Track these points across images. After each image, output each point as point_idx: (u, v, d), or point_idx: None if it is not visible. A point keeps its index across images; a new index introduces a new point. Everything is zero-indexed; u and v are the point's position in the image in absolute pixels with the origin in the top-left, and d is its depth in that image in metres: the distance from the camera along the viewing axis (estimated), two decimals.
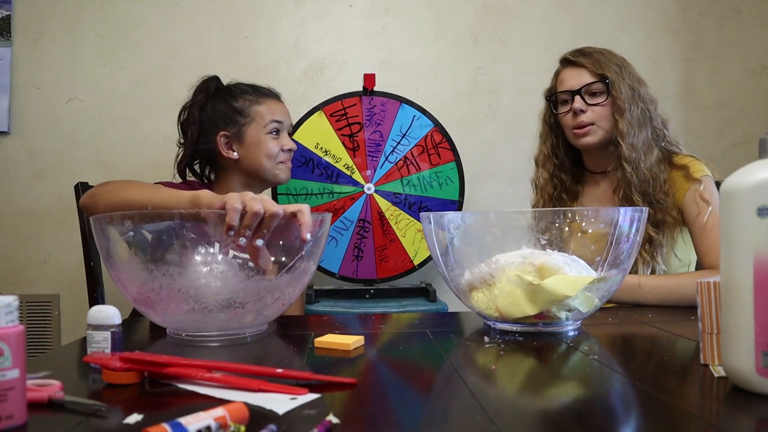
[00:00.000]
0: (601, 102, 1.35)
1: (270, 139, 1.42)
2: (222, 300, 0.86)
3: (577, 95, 1.35)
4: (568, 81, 1.38)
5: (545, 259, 0.89)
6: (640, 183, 1.30)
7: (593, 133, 1.36)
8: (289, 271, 0.90)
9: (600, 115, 1.35)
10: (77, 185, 1.52)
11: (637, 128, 1.32)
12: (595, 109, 1.35)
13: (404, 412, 0.58)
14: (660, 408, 0.57)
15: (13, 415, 0.52)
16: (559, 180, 1.46)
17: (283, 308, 0.94)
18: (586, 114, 1.35)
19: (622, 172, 1.32)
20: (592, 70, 1.35)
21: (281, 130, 1.45)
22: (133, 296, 0.89)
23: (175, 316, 0.88)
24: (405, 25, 2.17)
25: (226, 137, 1.42)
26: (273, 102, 1.46)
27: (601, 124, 1.35)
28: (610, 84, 1.33)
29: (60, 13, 2.10)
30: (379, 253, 1.92)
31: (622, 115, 1.32)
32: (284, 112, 1.47)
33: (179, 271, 0.85)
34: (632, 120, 1.32)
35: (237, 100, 1.44)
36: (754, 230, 0.58)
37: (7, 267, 2.09)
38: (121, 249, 0.87)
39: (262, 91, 1.48)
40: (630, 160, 1.31)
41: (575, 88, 1.36)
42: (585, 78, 1.36)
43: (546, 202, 1.47)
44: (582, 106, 1.35)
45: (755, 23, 2.22)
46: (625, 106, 1.32)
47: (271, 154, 1.42)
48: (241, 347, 0.86)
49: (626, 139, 1.31)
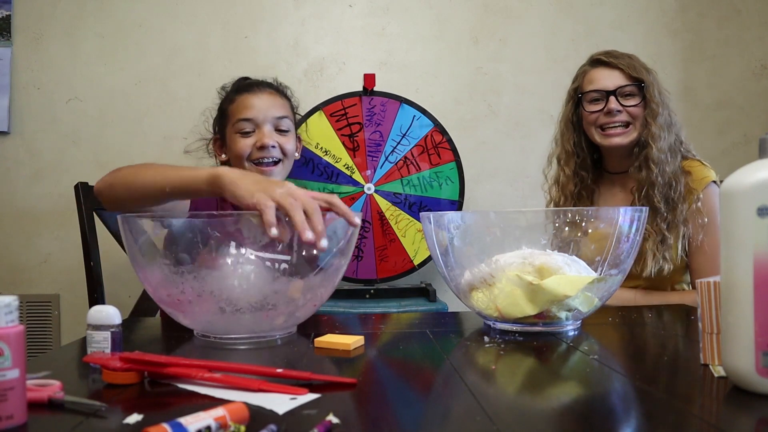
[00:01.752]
0: (636, 104, 1.36)
1: (238, 139, 1.29)
2: (254, 302, 0.84)
3: (612, 96, 1.37)
4: (600, 81, 1.39)
5: (545, 259, 0.89)
6: (663, 185, 1.32)
7: (628, 135, 1.37)
8: (322, 270, 0.88)
9: (634, 117, 1.37)
10: (77, 185, 1.52)
11: (666, 132, 1.35)
12: (630, 110, 1.37)
13: (404, 412, 0.58)
14: (660, 408, 0.57)
15: (13, 415, 0.52)
16: (580, 178, 1.46)
17: (315, 309, 0.91)
18: (622, 114, 1.36)
19: (647, 173, 1.34)
20: (627, 72, 1.37)
21: (258, 127, 1.29)
22: (161, 298, 0.88)
23: (204, 318, 0.86)
24: (405, 25, 2.17)
25: (216, 140, 1.38)
26: (247, 97, 1.31)
27: (636, 125, 1.37)
28: (646, 87, 1.36)
29: (60, 13, 2.10)
30: (379, 253, 1.92)
31: (655, 118, 1.34)
32: (260, 105, 1.30)
33: (209, 272, 0.83)
34: (663, 124, 1.35)
35: (223, 101, 1.36)
36: (754, 230, 0.58)
37: (7, 267, 2.09)
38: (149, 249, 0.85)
39: (241, 87, 1.35)
40: (658, 162, 1.33)
41: (609, 88, 1.37)
42: (619, 80, 1.37)
43: (567, 200, 1.47)
44: (618, 107, 1.36)
45: (755, 23, 2.22)
46: (658, 110, 1.35)
47: (239, 155, 1.28)
48: (272, 350, 0.84)
49: (657, 142, 1.33)
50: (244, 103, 1.30)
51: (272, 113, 1.30)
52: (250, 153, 1.28)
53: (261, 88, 1.33)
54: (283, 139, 1.30)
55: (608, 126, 1.38)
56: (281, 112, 1.31)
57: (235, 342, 0.86)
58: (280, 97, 1.35)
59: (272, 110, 1.30)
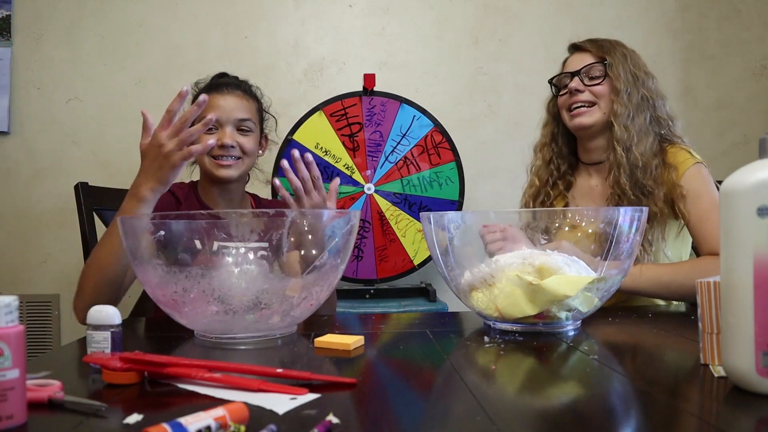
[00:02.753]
0: (598, 82, 1.35)
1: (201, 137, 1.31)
2: (247, 301, 0.84)
3: (576, 76, 1.37)
4: (571, 65, 1.41)
5: (545, 260, 0.89)
6: (629, 166, 1.29)
7: (589, 114, 1.35)
8: (315, 269, 0.88)
9: (598, 95, 1.35)
10: (77, 185, 1.52)
11: (634, 111, 1.32)
12: (594, 89, 1.35)
13: (404, 412, 0.58)
14: (660, 408, 0.57)
15: (13, 415, 0.52)
16: (555, 166, 1.45)
17: (312, 309, 0.92)
18: (584, 94, 1.36)
19: (614, 154, 1.32)
20: (594, 53, 1.37)
21: (220, 126, 1.34)
22: (158, 298, 0.88)
23: (198, 318, 0.87)
24: (405, 25, 2.17)
25: None
26: (215, 97, 1.36)
27: (601, 104, 1.35)
28: (608, 66, 1.34)
29: (60, 13, 2.10)
30: (379, 253, 1.92)
31: (618, 95, 1.32)
32: (224, 106, 1.35)
33: (201, 272, 0.83)
34: (629, 103, 1.32)
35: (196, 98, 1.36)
36: (754, 230, 0.58)
37: (7, 267, 2.09)
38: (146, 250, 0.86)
39: (212, 86, 1.40)
40: (621, 141, 1.30)
41: (576, 69, 1.38)
42: (585, 60, 1.37)
43: (540, 188, 1.46)
44: (578, 86, 1.36)
45: (755, 23, 2.22)
46: (622, 87, 1.32)
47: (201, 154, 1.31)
48: (271, 350, 0.84)
49: (619, 119, 1.31)
50: (211, 102, 1.35)
51: (236, 115, 1.36)
52: (211, 150, 1.32)
53: (230, 90, 1.38)
54: (243, 139, 1.36)
55: (573, 106, 1.37)
56: (245, 115, 1.37)
57: (235, 342, 0.86)
58: (248, 100, 1.40)
59: (236, 112, 1.36)
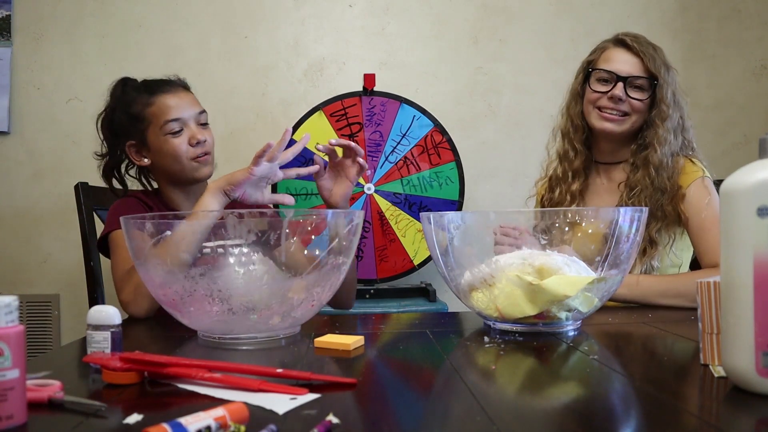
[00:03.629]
0: (643, 99, 1.31)
1: (169, 140, 1.28)
2: (246, 302, 0.84)
3: (621, 82, 1.31)
4: (616, 63, 1.34)
5: (545, 260, 0.89)
6: (655, 190, 1.29)
7: (620, 124, 1.33)
8: (316, 268, 0.87)
9: (635, 110, 1.32)
10: (77, 185, 1.52)
11: (673, 136, 1.30)
12: (633, 102, 1.32)
13: (404, 412, 0.58)
14: (660, 408, 0.57)
15: (13, 415, 0.52)
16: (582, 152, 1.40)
17: (314, 309, 0.91)
18: (624, 104, 1.32)
19: (645, 175, 1.29)
20: (645, 64, 1.31)
21: (185, 125, 1.30)
22: (159, 298, 0.89)
23: (203, 319, 0.87)
24: (405, 25, 2.17)
25: (133, 146, 1.34)
26: (166, 97, 1.30)
27: (634, 118, 1.33)
28: (658, 86, 1.30)
29: (60, 13, 2.10)
30: (379, 253, 1.92)
31: (664, 121, 1.29)
32: (181, 104, 1.30)
33: (200, 272, 0.84)
34: (671, 128, 1.30)
35: (132, 105, 1.33)
36: (754, 230, 0.58)
37: (7, 267, 2.09)
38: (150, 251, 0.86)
39: (155, 88, 1.33)
40: (659, 168, 1.29)
41: (622, 73, 1.32)
42: (635, 68, 1.32)
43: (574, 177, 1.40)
44: (623, 95, 1.31)
45: (755, 23, 2.22)
46: (668, 112, 1.30)
47: (176, 155, 1.28)
48: (272, 350, 0.84)
49: (663, 146, 1.29)
50: (166, 104, 1.29)
51: (193, 110, 1.32)
52: (186, 150, 1.29)
53: (174, 87, 1.34)
54: (206, 133, 1.33)
55: (606, 109, 1.33)
56: (199, 108, 1.34)
57: (237, 342, 0.86)
58: (191, 93, 1.37)
59: (193, 107, 1.32)
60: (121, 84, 1.38)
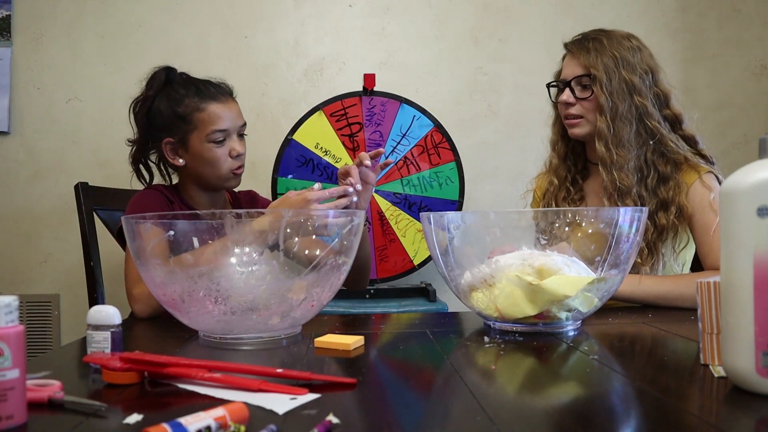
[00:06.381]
0: (587, 96, 1.31)
1: (213, 148, 1.30)
2: (245, 302, 0.85)
3: (567, 87, 1.33)
4: (564, 69, 1.36)
5: (545, 260, 0.89)
6: (612, 183, 1.27)
7: (580, 127, 1.33)
8: (316, 268, 0.88)
9: (587, 109, 1.32)
10: (77, 185, 1.52)
11: (621, 127, 1.28)
12: (583, 102, 1.32)
13: (404, 412, 0.58)
14: (660, 408, 0.57)
15: (13, 415, 0.52)
16: (572, 162, 1.42)
17: (315, 310, 0.91)
18: (575, 107, 1.32)
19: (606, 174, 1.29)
20: (581, 61, 1.31)
21: (228, 136, 1.31)
22: (159, 298, 0.89)
23: (204, 319, 0.87)
24: (405, 25, 2.17)
25: (171, 144, 1.33)
26: (217, 106, 1.31)
27: (589, 117, 1.32)
28: (593, 80, 1.29)
29: (60, 13, 2.10)
30: (379, 253, 1.92)
31: (601, 113, 1.28)
32: (230, 116, 1.32)
33: (199, 273, 0.84)
34: (613, 117, 1.27)
35: (180, 104, 1.32)
36: (754, 230, 0.58)
37: (7, 267, 2.09)
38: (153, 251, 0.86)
39: (207, 93, 1.33)
40: (605, 162, 1.28)
41: (567, 78, 1.34)
42: (576, 69, 1.32)
43: (559, 185, 1.42)
44: (569, 99, 1.32)
45: (755, 23, 2.22)
46: (606, 104, 1.27)
47: (215, 164, 1.31)
48: (272, 350, 0.84)
49: (603, 139, 1.28)
50: (216, 113, 1.30)
51: (238, 122, 1.33)
52: (226, 161, 1.31)
53: (226, 97, 1.34)
54: (244, 145, 1.35)
55: (567, 117, 1.34)
56: (242, 120, 1.35)
57: (238, 342, 0.86)
58: (237, 103, 1.37)
59: (238, 119, 1.34)
60: (164, 73, 1.36)
